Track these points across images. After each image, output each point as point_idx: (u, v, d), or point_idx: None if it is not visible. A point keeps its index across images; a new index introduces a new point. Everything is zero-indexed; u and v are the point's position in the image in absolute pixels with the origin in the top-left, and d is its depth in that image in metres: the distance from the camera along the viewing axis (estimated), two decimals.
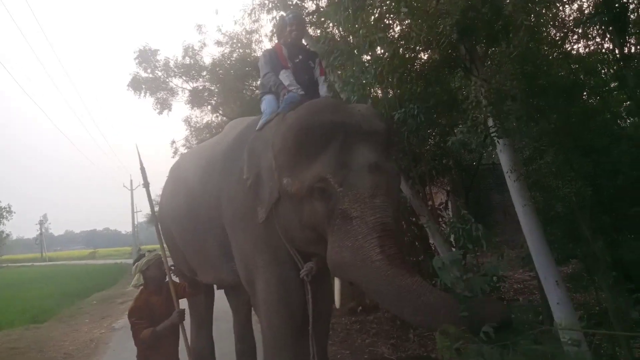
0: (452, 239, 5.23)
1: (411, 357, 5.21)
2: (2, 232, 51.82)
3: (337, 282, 2.78)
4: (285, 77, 3.34)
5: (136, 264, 3.12)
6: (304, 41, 4.17)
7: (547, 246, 4.13)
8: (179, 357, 3.27)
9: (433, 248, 6.58)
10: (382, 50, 4.46)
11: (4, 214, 50.00)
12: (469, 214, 4.31)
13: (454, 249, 5.76)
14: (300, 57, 3.49)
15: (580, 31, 5.18)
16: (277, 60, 3.42)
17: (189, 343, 3.35)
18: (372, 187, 2.53)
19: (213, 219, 3.58)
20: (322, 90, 3.51)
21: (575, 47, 5.36)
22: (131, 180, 32.12)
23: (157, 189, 10.31)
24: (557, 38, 4.96)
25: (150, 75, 11.51)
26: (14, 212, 50.83)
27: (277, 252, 3.15)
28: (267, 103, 3.40)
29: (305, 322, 3.17)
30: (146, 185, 3.52)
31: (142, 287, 3.16)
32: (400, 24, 4.43)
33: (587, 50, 5.55)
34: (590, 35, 5.28)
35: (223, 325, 5.69)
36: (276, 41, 3.93)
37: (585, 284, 7.51)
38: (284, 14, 3.85)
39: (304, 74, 3.46)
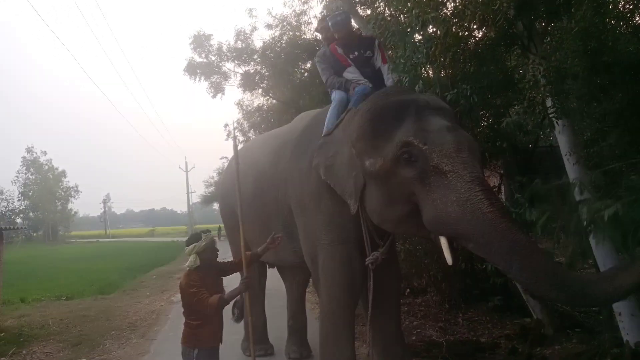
0: None
1: (460, 341, 5.17)
2: (71, 209, 55.77)
3: (443, 239, 2.71)
4: (352, 74, 3.52)
5: (193, 244, 3.09)
6: (354, 23, 4.14)
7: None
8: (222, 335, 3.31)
9: None
10: (435, 29, 4.36)
11: (72, 192, 53.79)
12: (523, 197, 4.16)
13: None
14: (356, 52, 3.58)
15: None
16: (337, 62, 3.57)
17: (246, 316, 3.48)
18: (455, 143, 2.64)
19: (280, 201, 3.84)
20: (389, 81, 3.61)
21: None
22: (186, 162, 33.46)
23: (210, 170, 10.67)
24: (626, 10, 4.62)
25: (205, 60, 11.82)
26: (81, 192, 54.56)
27: (343, 232, 3.37)
28: (337, 94, 3.57)
29: (365, 306, 3.39)
30: (237, 172, 3.57)
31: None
32: (454, 1, 4.30)
33: None
34: None
35: (275, 302, 5.94)
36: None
37: None
38: (327, 17, 3.85)
39: (365, 67, 3.58)
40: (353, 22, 4.16)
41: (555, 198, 3.05)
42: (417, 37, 4.72)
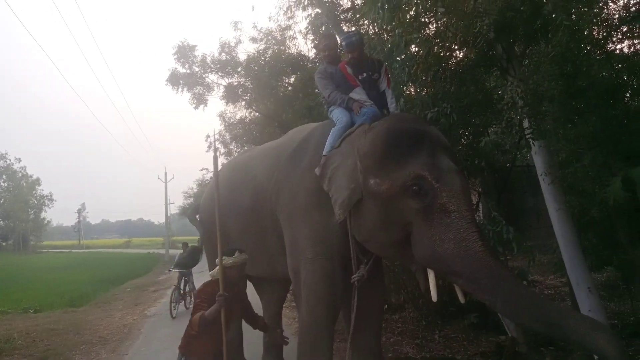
0: None
1: (436, 357, 5.17)
2: (44, 219, 54.25)
3: (431, 275, 2.85)
4: (358, 95, 3.54)
5: (217, 260, 3.16)
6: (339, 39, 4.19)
7: (581, 252, 4.03)
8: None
9: None
10: (417, 49, 4.44)
11: (46, 201, 52.42)
12: (500, 216, 4.23)
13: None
14: (365, 74, 3.63)
15: (625, 29, 5.00)
16: (346, 81, 3.61)
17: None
18: (462, 186, 2.82)
19: (273, 211, 3.83)
20: (392, 106, 3.67)
21: (619, 46, 5.17)
22: (165, 173, 32.97)
23: (189, 181, 10.54)
24: (600, 37, 4.80)
25: (188, 71, 11.76)
26: (55, 200, 53.22)
27: (327, 248, 3.38)
28: (340, 113, 3.60)
29: (346, 321, 3.43)
30: (216, 184, 3.57)
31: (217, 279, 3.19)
32: (436, 23, 4.39)
33: (632, 49, 5.34)
34: (636, 34, 5.08)
35: None
36: (311, 39, 4.03)
37: (620, 293, 7.28)
38: (333, 35, 3.90)
39: (371, 89, 3.63)
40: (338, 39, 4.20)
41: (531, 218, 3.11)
42: (400, 56, 4.81)
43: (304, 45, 11.78)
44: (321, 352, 3.37)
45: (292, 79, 10.78)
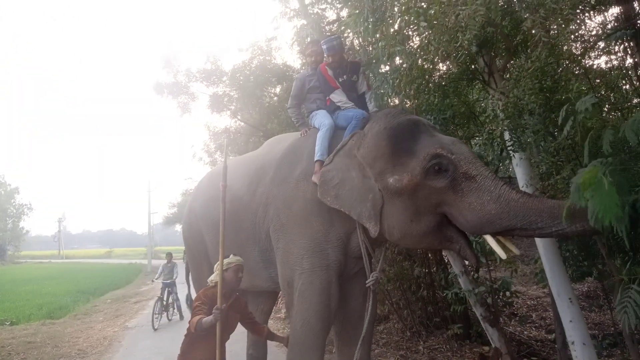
0: None
1: None
2: (22, 228, 53.04)
3: (489, 238, 2.91)
4: (338, 97, 3.64)
5: (216, 265, 3.22)
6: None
7: (562, 263, 4.08)
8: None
9: (446, 260, 6.54)
10: (401, 61, 4.50)
11: (25, 210, 51.28)
12: None
13: (466, 262, 5.73)
14: (345, 76, 3.73)
15: (602, 45, 5.14)
16: (326, 83, 3.70)
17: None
18: (470, 151, 3.04)
19: (257, 225, 3.77)
20: (371, 106, 3.79)
21: (596, 62, 5.32)
22: (149, 182, 32.60)
23: (173, 191, 10.43)
24: (578, 53, 4.93)
25: (173, 80, 11.72)
26: (33, 209, 52.10)
27: (324, 258, 3.37)
28: (322, 117, 3.68)
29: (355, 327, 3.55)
30: (223, 192, 3.46)
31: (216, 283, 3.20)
32: (419, 36, 4.46)
33: (609, 65, 5.49)
34: (612, 51, 5.23)
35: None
36: (297, 49, 4.10)
37: (600, 303, 7.39)
38: (320, 42, 3.97)
39: (351, 91, 3.74)
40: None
41: None
42: (385, 67, 4.87)
43: (290, 56, 11.85)
44: None
45: (278, 89, 10.81)
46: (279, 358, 5.75)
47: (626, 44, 4.94)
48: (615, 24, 4.81)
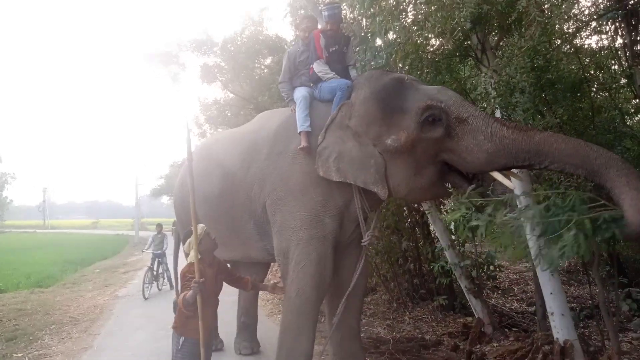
0: (452, 227, 5.34)
1: (406, 338, 5.37)
2: (6, 197, 52.32)
3: (495, 173, 2.98)
4: (319, 67, 3.65)
5: (188, 240, 3.23)
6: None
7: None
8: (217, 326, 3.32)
9: (433, 234, 6.70)
10: (396, 36, 4.49)
11: (8, 179, 50.49)
12: (470, 202, 4.38)
13: (453, 237, 5.88)
14: (337, 46, 3.73)
15: (594, 25, 5.18)
16: (314, 50, 3.71)
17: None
18: (457, 95, 3.11)
19: (253, 200, 3.82)
20: (352, 73, 3.82)
21: (587, 42, 5.37)
22: (134, 152, 32.21)
23: (161, 164, 10.36)
24: (569, 32, 4.97)
25: (165, 49, 11.46)
26: (17, 179, 51.31)
27: (322, 229, 3.48)
28: (296, 93, 3.78)
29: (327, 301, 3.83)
30: (190, 164, 3.49)
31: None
32: (416, 11, 4.44)
33: (599, 45, 5.55)
34: (603, 31, 5.27)
35: (227, 298, 5.87)
36: (289, 20, 4.08)
37: (579, 278, 7.68)
38: (320, 8, 3.96)
39: (338, 63, 3.74)
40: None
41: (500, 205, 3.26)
42: (378, 42, 4.86)
43: (282, 27, 11.66)
44: (305, 333, 3.49)
45: (269, 61, 10.67)
46: (269, 326, 5.91)
47: (617, 24, 4.99)
48: (608, 3, 4.85)
